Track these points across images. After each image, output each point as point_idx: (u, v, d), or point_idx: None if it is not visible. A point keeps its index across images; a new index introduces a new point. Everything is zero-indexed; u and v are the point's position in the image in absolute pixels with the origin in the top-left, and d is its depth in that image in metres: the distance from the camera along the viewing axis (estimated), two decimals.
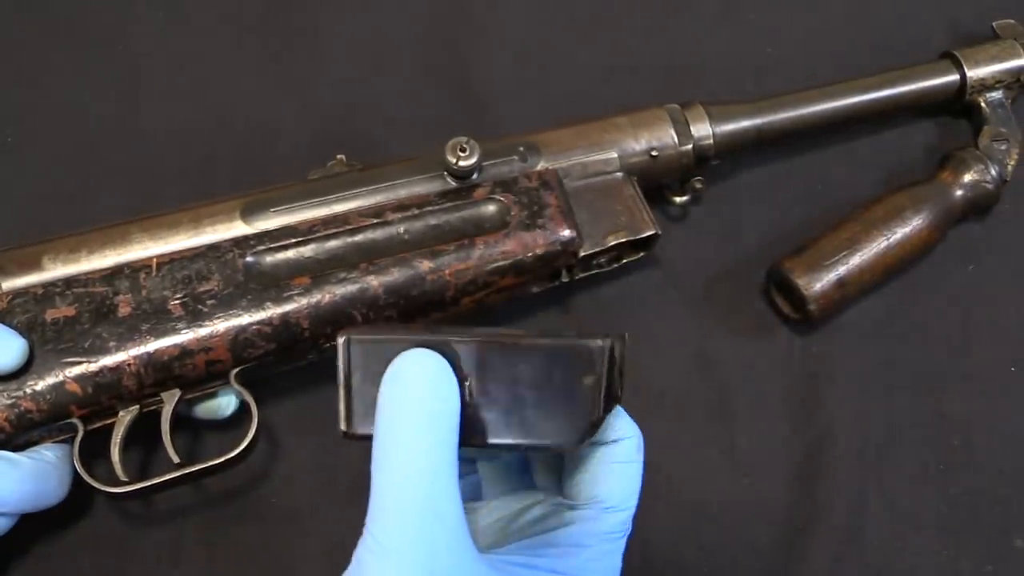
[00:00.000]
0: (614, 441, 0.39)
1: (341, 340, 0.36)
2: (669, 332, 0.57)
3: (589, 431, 0.36)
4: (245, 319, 0.47)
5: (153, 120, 0.63)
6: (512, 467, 0.44)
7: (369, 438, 0.36)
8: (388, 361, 0.35)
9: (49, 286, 0.47)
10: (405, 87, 0.64)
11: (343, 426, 0.37)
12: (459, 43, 0.66)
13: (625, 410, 0.39)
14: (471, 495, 0.44)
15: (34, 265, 0.48)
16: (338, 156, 0.54)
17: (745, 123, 0.57)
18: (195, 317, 0.47)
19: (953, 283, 0.59)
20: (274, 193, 0.51)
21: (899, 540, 0.53)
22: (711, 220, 0.60)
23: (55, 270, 0.48)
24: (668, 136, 0.55)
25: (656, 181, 0.56)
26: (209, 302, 0.47)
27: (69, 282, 0.47)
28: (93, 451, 0.48)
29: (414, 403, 0.34)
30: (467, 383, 0.36)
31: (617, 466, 0.39)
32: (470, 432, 0.36)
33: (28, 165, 0.61)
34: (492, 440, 0.36)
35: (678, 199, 0.58)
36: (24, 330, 0.46)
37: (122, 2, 0.67)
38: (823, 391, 0.56)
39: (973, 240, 0.60)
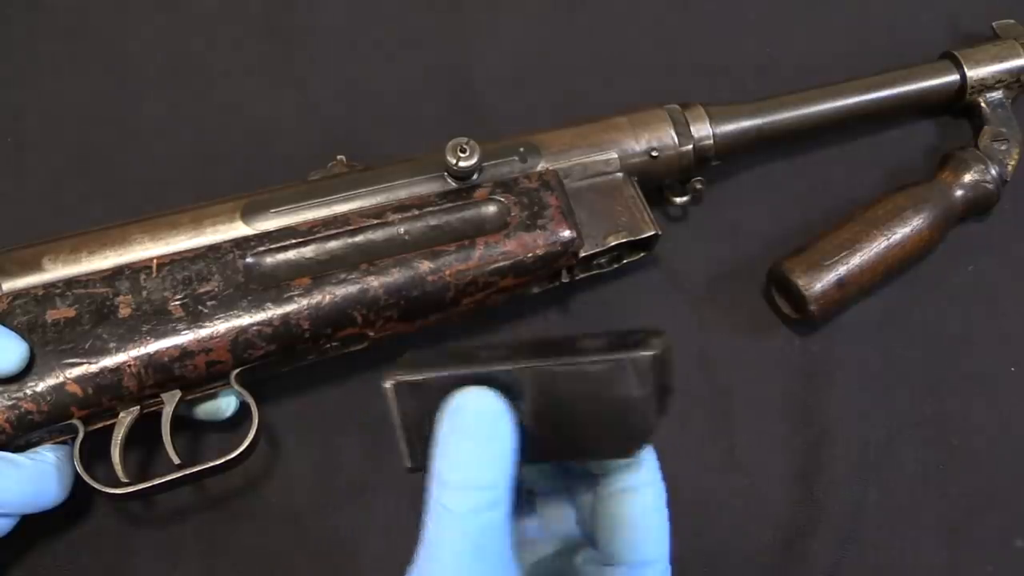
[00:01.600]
0: (639, 487, 0.38)
1: (389, 385, 0.35)
2: (669, 332, 0.57)
3: (645, 438, 0.36)
4: (245, 320, 0.47)
5: (153, 120, 0.63)
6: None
7: None
8: (439, 397, 0.35)
9: (49, 287, 0.47)
10: (405, 87, 0.64)
11: (408, 463, 0.37)
12: (459, 43, 0.66)
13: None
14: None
15: (34, 266, 0.48)
16: (338, 157, 0.54)
17: (745, 123, 0.57)
18: (195, 318, 0.47)
19: (953, 283, 0.59)
20: (274, 194, 0.51)
21: (899, 540, 0.53)
22: (711, 220, 0.60)
23: (55, 271, 0.48)
24: (668, 136, 0.55)
25: (656, 181, 0.56)
26: (209, 303, 0.47)
27: (69, 283, 0.47)
28: (94, 452, 0.48)
29: (471, 445, 0.34)
30: (519, 409, 0.35)
31: (652, 518, 0.38)
32: (524, 453, 0.35)
33: (28, 165, 0.61)
34: (547, 458, 0.37)
35: (678, 199, 0.58)
36: (25, 331, 0.46)
37: (122, 2, 0.67)
38: (823, 391, 0.56)
39: (973, 240, 0.60)
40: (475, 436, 0.34)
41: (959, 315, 0.58)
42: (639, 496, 0.38)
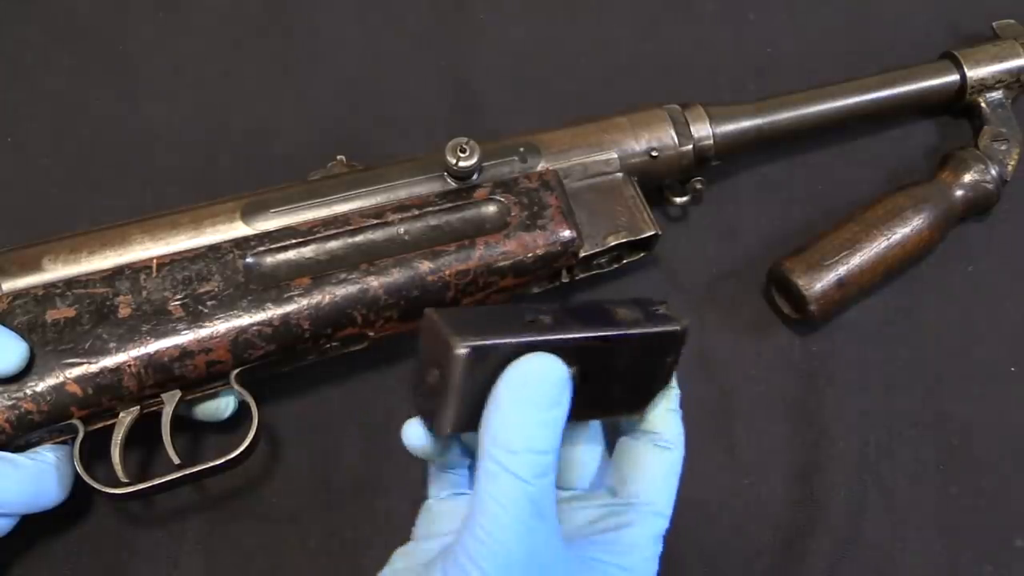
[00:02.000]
0: (673, 447, 0.43)
1: (463, 352, 0.36)
2: None
3: (656, 395, 0.43)
4: (245, 320, 0.47)
5: (153, 120, 0.63)
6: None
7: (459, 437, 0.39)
8: (501, 363, 0.36)
9: (49, 287, 0.47)
10: (405, 87, 0.64)
11: (448, 430, 0.38)
12: (459, 43, 0.66)
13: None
14: None
15: (34, 266, 0.48)
16: (338, 157, 0.54)
17: (745, 123, 0.57)
18: (195, 318, 0.47)
19: (953, 283, 0.59)
20: (274, 194, 0.51)
21: (899, 540, 0.53)
22: (711, 220, 0.60)
23: (55, 271, 0.48)
24: (668, 136, 0.55)
25: (656, 181, 0.56)
26: (209, 303, 0.47)
27: (69, 283, 0.47)
28: (94, 452, 0.48)
29: (537, 412, 0.36)
30: (571, 375, 0.37)
31: (673, 472, 0.43)
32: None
33: (28, 165, 0.61)
34: (577, 418, 0.39)
35: (678, 199, 0.58)
36: (25, 331, 0.46)
37: (122, 2, 0.67)
38: (823, 391, 0.56)
39: (973, 240, 0.60)
40: (541, 403, 0.36)
41: (959, 315, 0.58)
42: (669, 453, 0.43)
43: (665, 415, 0.43)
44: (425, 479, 0.45)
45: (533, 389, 0.36)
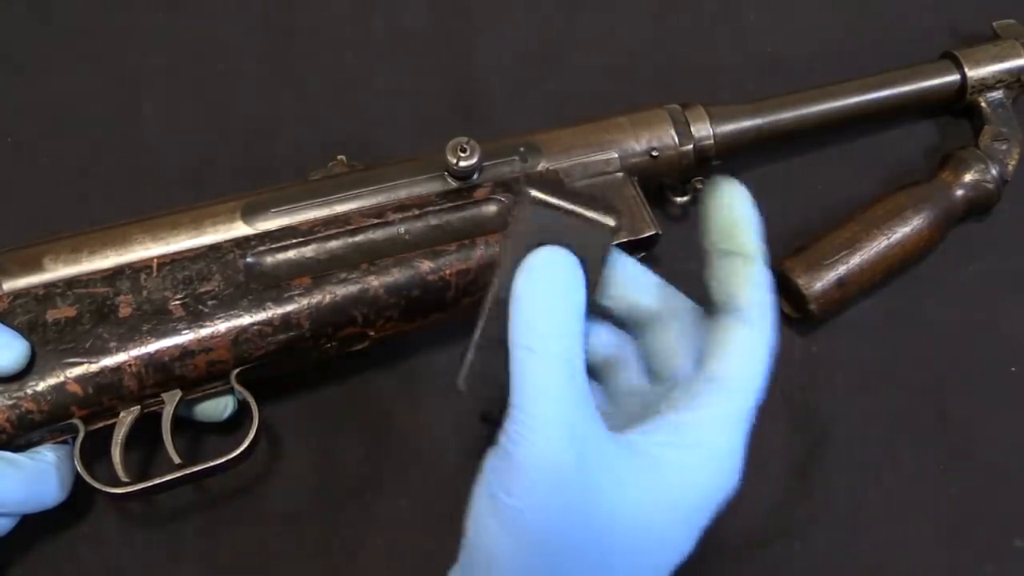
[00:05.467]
0: (757, 325, 0.38)
1: (534, 193, 0.38)
2: None
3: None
4: (246, 319, 0.47)
5: (153, 120, 0.63)
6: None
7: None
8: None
9: (50, 287, 0.47)
10: (405, 87, 0.64)
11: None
12: (459, 43, 0.66)
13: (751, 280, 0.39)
14: None
15: (35, 265, 0.48)
16: (339, 157, 0.54)
17: (746, 123, 0.57)
18: (196, 318, 0.47)
19: (953, 283, 0.59)
20: (275, 193, 0.51)
21: (899, 540, 0.53)
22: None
23: (56, 271, 0.48)
24: (669, 136, 0.55)
25: (656, 181, 0.56)
26: (210, 302, 0.47)
27: (70, 283, 0.47)
28: (94, 451, 0.48)
29: (557, 294, 0.37)
30: None
31: (760, 345, 0.38)
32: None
33: (28, 165, 0.61)
34: None
35: (678, 199, 0.58)
36: (25, 331, 0.46)
37: (122, 2, 0.67)
38: (823, 390, 0.56)
39: (973, 240, 0.60)
40: (560, 287, 0.37)
41: (959, 315, 0.58)
42: (754, 329, 0.38)
43: (750, 289, 0.39)
44: None
45: (550, 272, 0.37)
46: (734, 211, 0.40)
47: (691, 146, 0.55)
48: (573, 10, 0.67)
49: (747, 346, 0.38)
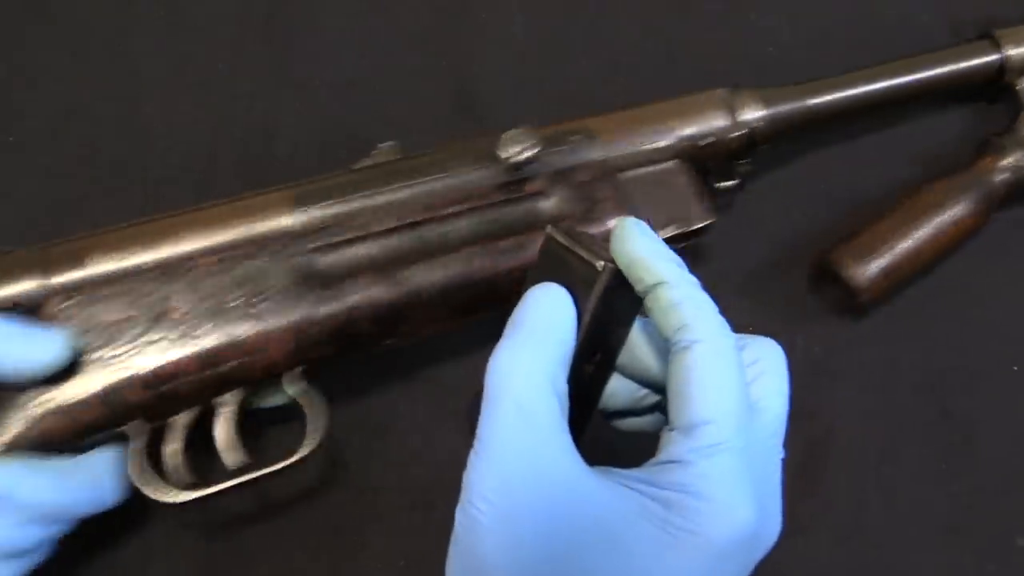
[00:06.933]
0: (699, 339, 0.35)
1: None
2: None
3: None
4: (303, 317, 0.46)
5: (153, 120, 0.63)
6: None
7: None
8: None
9: (100, 285, 0.45)
10: (406, 87, 0.64)
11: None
12: (460, 43, 0.66)
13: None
14: None
15: (81, 262, 0.46)
16: (383, 144, 0.52)
17: (793, 105, 0.56)
18: (253, 316, 0.46)
19: (955, 282, 0.59)
20: (325, 184, 0.49)
21: (901, 539, 0.52)
22: (749, 208, 0.60)
23: (103, 267, 0.46)
24: (720, 121, 0.54)
25: (707, 166, 0.55)
26: (266, 300, 0.46)
27: (121, 281, 0.46)
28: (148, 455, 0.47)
29: (526, 322, 0.37)
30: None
31: (709, 369, 0.35)
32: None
33: (28, 165, 0.61)
34: None
35: (726, 184, 0.57)
36: (79, 332, 0.44)
37: (122, 2, 0.67)
38: (825, 391, 0.56)
39: (975, 239, 0.60)
40: (533, 316, 0.37)
41: (961, 314, 0.58)
42: (693, 349, 0.35)
43: (668, 308, 0.36)
44: None
45: (526, 305, 0.38)
46: (639, 249, 0.37)
47: (742, 131, 0.54)
48: (575, 10, 0.67)
49: (709, 377, 0.35)
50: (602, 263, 0.37)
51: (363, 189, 0.49)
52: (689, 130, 0.53)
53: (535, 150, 0.48)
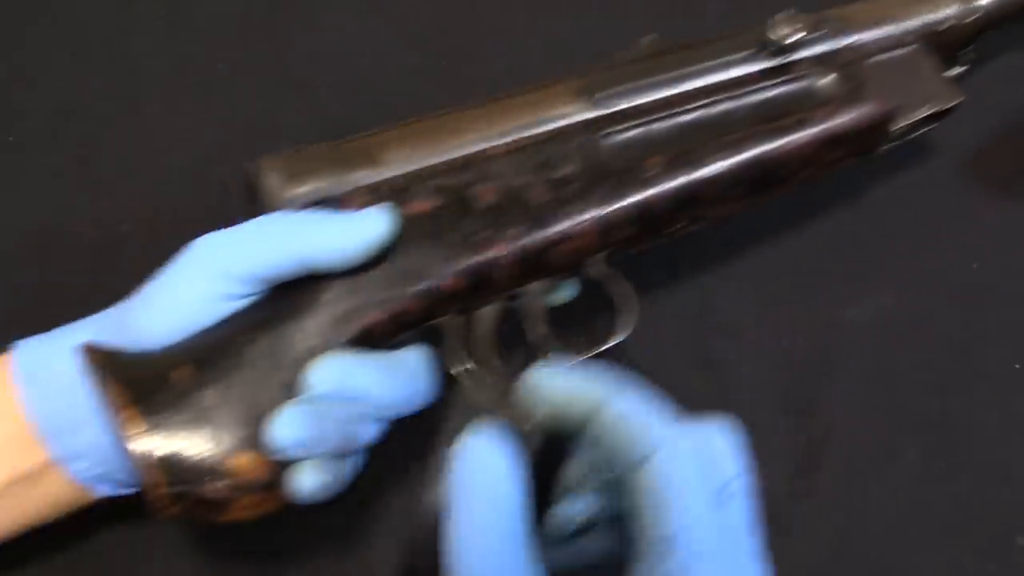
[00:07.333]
0: (641, 460, 0.34)
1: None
2: (672, 331, 0.57)
3: None
4: (606, 202, 0.46)
5: (153, 120, 0.63)
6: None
7: None
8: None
9: (401, 179, 0.45)
10: (406, 87, 0.64)
11: None
12: (461, 43, 0.66)
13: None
14: None
15: (372, 159, 0.46)
16: (649, 36, 0.53)
17: None
18: (558, 204, 0.46)
19: (955, 281, 0.59)
20: (611, 73, 0.50)
21: (901, 539, 0.53)
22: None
23: (401, 164, 0.46)
24: (956, 4, 0.56)
25: (945, 51, 0.56)
26: (569, 188, 0.46)
27: (421, 175, 0.46)
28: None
29: (472, 490, 0.34)
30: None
31: (653, 486, 0.34)
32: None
33: (28, 165, 0.61)
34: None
35: (954, 70, 0.58)
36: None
37: (122, 2, 0.67)
38: (824, 390, 0.56)
39: (976, 238, 0.60)
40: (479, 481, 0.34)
41: (961, 313, 0.58)
42: (650, 463, 0.33)
43: (606, 435, 0.35)
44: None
45: (468, 466, 0.34)
46: (562, 389, 0.36)
47: (979, 14, 0.56)
48: (576, 10, 0.67)
49: (671, 487, 0.33)
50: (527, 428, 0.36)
51: (647, 77, 0.50)
52: (930, 16, 0.55)
53: (803, 33, 0.50)
